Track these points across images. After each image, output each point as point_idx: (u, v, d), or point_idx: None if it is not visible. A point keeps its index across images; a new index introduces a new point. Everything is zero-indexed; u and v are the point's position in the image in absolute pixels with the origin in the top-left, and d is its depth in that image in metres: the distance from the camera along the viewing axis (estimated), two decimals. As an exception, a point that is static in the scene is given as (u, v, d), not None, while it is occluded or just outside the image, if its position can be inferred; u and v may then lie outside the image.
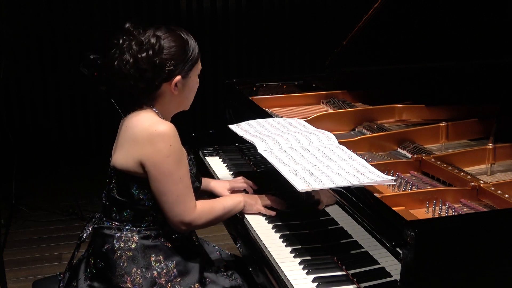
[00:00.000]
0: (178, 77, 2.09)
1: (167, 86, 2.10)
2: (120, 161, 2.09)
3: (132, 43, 2.06)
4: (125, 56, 2.05)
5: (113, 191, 2.13)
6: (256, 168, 2.69)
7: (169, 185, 2.04)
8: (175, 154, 2.04)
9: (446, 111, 2.74)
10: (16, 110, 5.67)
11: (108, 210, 2.15)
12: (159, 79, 2.07)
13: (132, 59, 2.04)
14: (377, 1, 2.68)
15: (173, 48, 2.07)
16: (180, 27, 2.15)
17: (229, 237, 2.48)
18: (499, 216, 1.77)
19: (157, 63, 2.04)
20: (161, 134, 2.03)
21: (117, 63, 2.06)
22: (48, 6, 5.54)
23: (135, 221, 2.12)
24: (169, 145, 2.03)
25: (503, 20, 2.77)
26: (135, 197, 2.09)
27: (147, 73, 2.04)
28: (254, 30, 6.04)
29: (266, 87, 3.21)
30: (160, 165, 2.02)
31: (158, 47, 2.05)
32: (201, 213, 2.12)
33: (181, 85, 2.11)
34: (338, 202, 1.95)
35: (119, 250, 2.08)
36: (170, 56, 2.07)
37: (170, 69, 2.07)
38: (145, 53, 2.04)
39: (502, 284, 1.64)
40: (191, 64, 2.12)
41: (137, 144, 2.05)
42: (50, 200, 4.93)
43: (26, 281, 3.67)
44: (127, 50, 2.06)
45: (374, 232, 1.74)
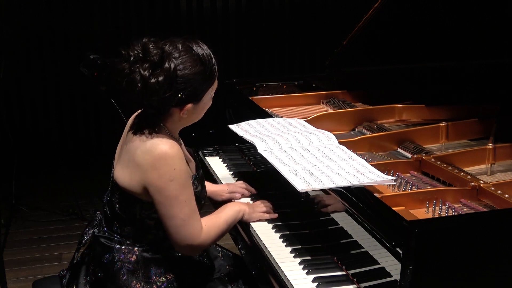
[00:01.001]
0: (189, 106, 1.98)
1: (177, 110, 1.99)
2: (123, 180, 2.03)
3: (144, 65, 1.91)
4: (134, 76, 1.91)
5: (116, 205, 2.08)
6: (256, 168, 2.69)
7: (174, 208, 1.97)
8: (179, 177, 1.96)
9: (446, 111, 2.74)
10: (16, 110, 5.66)
11: (110, 221, 2.11)
12: (168, 105, 1.96)
13: (141, 83, 1.90)
14: (377, 1, 2.68)
15: (188, 74, 1.93)
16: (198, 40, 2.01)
17: (229, 237, 2.47)
18: (499, 216, 1.77)
19: (166, 94, 1.91)
20: (163, 157, 1.94)
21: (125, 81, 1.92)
22: (48, 6, 5.54)
23: (136, 237, 2.08)
24: (173, 169, 1.95)
25: (503, 20, 2.77)
26: (137, 216, 2.05)
27: (154, 99, 1.91)
28: (254, 30, 6.03)
29: (266, 87, 3.20)
30: (165, 190, 1.95)
31: (171, 75, 1.91)
32: (208, 233, 2.07)
33: (192, 109, 2.01)
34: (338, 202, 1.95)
35: (119, 262, 2.05)
36: (183, 83, 1.93)
37: (181, 98, 1.95)
38: (156, 79, 1.89)
39: (502, 284, 1.64)
40: (205, 88, 2.00)
41: (140, 168, 1.97)
42: (50, 200, 4.93)
43: (26, 281, 3.67)
44: (137, 71, 1.90)
45: (374, 232, 1.74)
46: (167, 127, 2.03)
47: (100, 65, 3.79)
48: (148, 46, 1.93)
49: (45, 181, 5.31)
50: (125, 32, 5.66)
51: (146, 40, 1.95)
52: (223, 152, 3.00)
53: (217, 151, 3.03)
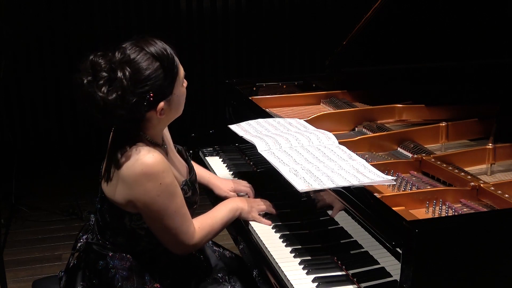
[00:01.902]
0: (161, 104, 1.92)
1: (152, 113, 1.94)
2: (110, 193, 2.01)
3: (98, 82, 1.83)
4: (94, 99, 1.83)
5: (106, 216, 2.06)
6: (256, 168, 2.69)
7: (164, 221, 1.96)
8: (166, 191, 1.93)
9: (446, 111, 2.74)
10: (16, 110, 5.66)
11: (103, 229, 2.09)
12: (140, 113, 1.90)
13: (103, 103, 1.83)
14: (377, 1, 2.68)
15: (147, 79, 1.87)
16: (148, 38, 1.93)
17: (229, 237, 2.47)
18: (499, 216, 1.77)
19: (131, 102, 1.84)
20: (147, 174, 1.89)
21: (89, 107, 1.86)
22: (48, 6, 5.54)
23: (128, 246, 2.06)
24: (159, 184, 1.91)
25: (503, 20, 2.77)
26: (127, 227, 2.03)
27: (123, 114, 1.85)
28: (254, 30, 6.03)
29: (266, 87, 3.20)
30: (153, 205, 1.93)
31: (128, 83, 1.83)
32: (202, 233, 2.08)
33: (167, 106, 1.95)
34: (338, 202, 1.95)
35: (113, 269, 2.03)
36: (147, 89, 1.86)
37: (150, 101, 1.88)
38: (115, 95, 1.82)
39: (502, 284, 1.64)
40: (172, 84, 1.94)
41: (125, 184, 1.93)
42: (50, 200, 4.93)
43: (26, 281, 3.67)
44: (94, 91, 1.83)
45: (374, 232, 1.74)
46: (148, 134, 1.99)
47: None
48: (96, 63, 1.86)
49: (45, 181, 5.31)
50: (125, 32, 5.66)
51: (92, 57, 1.88)
52: (223, 152, 3.00)
53: (217, 151, 3.03)
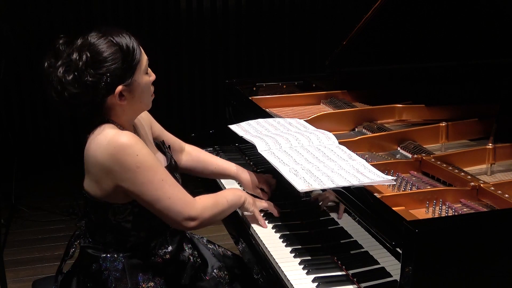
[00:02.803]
0: (119, 88, 1.91)
1: (112, 99, 1.93)
2: (92, 189, 2.00)
3: (57, 65, 1.89)
4: (54, 83, 1.89)
5: (91, 216, 2.06)
6: (256, 168, 2.69)
7: (154, 192, 1.93)
8: (145, 161, 1.91)
9: (446, 111, 2.74)
10: (16, 110, 5.66)
11: (91, 231, 2.09)
12: (98, 96, 1.90)
13: (60, 86, 1.87)
14: (377, 1, 2.68)
15: (103, 59, 1.88)
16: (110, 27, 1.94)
17: (229, 237, 2.47)
18: (499, 216, 1.77)
19: (88, 83, 1.86)
20: (121, 149, 1.88)
21: (51, 93, 1.90)
22: (48, 6, 5.54)
23: (119, 243, 2.05)
24: (135, 155, 1.89)
25: (503, 20, 2.77)
26: (112, 221, 2.01)
27: (82, 96, 1.87)
28: (254, 30, 6.03)
29: (266, 87, 3.20)
30: (136, 179, 1.91)
31: (85, 64, 1.86)
32: (204, 206, 2.04)
33: (128, 92, 1.94)
34: (338, 202, 1.95)
35: (106, 271, 2.02)
36: (102, 69, 1.87)
37: (107, 82, 1.88)
38: (72, 75, 1.86)
39: (502, 284, 1.64)
40: (132, 68, 1.93)
41: (105, 169, 1.92)
42: (50, 200, 4.93)
43: (26, 281, 3.67)
44: (53, 76, 1.89)
45: (374, 232, 1.74)
46: (115, 121, 1.98)
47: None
48: (58, 48, 1.91)
49: (45, 181, 5.31)
50: (125, 32, 5.65)
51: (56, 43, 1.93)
52: (223, 152, 2.99)
53: (217, 151, 3.02)
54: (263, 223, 2.24)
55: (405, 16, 2.87)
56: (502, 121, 2.46)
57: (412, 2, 2.82)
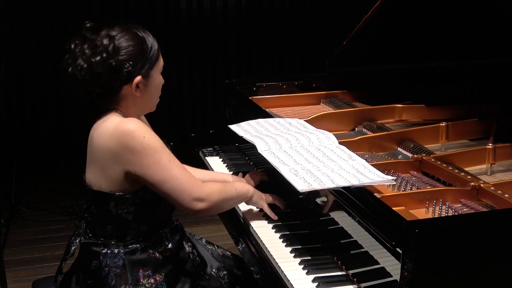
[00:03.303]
0: (138, 78, 2.00)
1: (128, 88, 2.00)
2: (95, 179, 2.03)
3: (84, 46, 1.98)
4: (78, 61, 1.97)
5: (92, 208, 2.07)
6: (256, 168, 2.69)
7: (162, 172, 1.95)
8: (152, 142, 1.95)
9: (446, 111, 2.74)
10: (16, 110, 5.67)
11: (92, 225, 2.10)
12: (117, 82, 1.98)
13: (86, 64, 1.96)
14: (377, 1, 2.68)
15: (129, 48, 1.98)
16: (136, 24, 2.05)
17: (229, 237, 2.47)
18: (499, 216, 1.77)
19: (112, 65, 1.95)
20: (128, 132, 1.94)
21: (71, 70, 1.99)
22: (48, 6, 5.54)
23: (119, 235, 2.05)
24: (142, 137, 1.94)
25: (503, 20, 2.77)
26: (114, 213, 2.02)
27: (103, 77, 1.96)
28: (254, 30, 6.04)
29: (266, 87, 3.20)
30: (143, 161, 1.94)
31: (113, 49, 1.95)
32: (212, 188, 2.05)
33: (143, 85, 2.02)
34: (338, 202, 1.95)
35: (106, 267, 2.03)
36: (127, 57, 1.97)
37: (129, 70, 1.97)
38: (99, 57, 1.95)
39: (502, 284, 1.64)
40: (151, 63, 2.03)
41: (112, 155, 1.96)
42: (50, 200, 4.93)
43: (26, 281, 3.67)
44: (80, 55, 1.97)
45: (374, 232, 1.74)
46: (122, 112, 2.04)
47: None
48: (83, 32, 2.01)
49: (45, 181, 5.31)
50: (125, 32, 5.66)
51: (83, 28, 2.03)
52: (223, 152, 3.00)
53: (217, 151, 3.03)
54: (273, 215, 2.25)
55: (405, 16, 2.87)
56: (502, 121, 2.46)
57: (412, 2, 2.82)
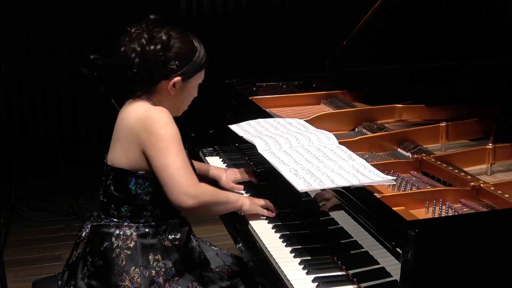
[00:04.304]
0: (178, 78, 2.12)
1: (166, 84, 2.12)
2: (118, 158, 2.12)
3: (143, 34, 2.09)
4: (133, 44, 2.08)
5: (110, 188, 2.14)
6: (256, 168, 2.69)
7: (167, 158, 2.02)
8: (171, 130, 2.05)
9: (446, 111, 2.74)
10: (16, 110, 5.66)
11: (106, 207, 2.16)
12: (160, 74, 2.10)
13: (140, 48, 2.07)
14: (377, 1, 2.68)
15: (181, 49, 2.11)
16: (194, 34, 2.19)
17: (229, 237, 2.47)
18: (499, 216, 1.77)
19: (161, 58, 2.08)
20: (154, 116, 2.06)
21: (123, 49, 2.09)
22: (48, 6, 5.54)
23: (133, 216, 2.12)
24: (164, 124, 2.05)
25: (502, 20, 2.77)
26: (132, 192, 2.10)
27: (150, 65, 2.08)
28: (254, 30, 6.03)
29: (266, 87, 3.20)
30: (157, 143, 2.03)
31: (167, 44, 2.09)
32: (205, 189, 2.10)
33: (179, 87, 2.14)
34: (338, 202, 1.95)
35: (118, 249, 2.09)
36: (176, 56, 2.10)
37: (173, 68, 2.10)
38: (153, 46, 2.08)
39: (502, 284, 1.64)
40: (194, 71, 2.15)
41: (134, 134, 2.07)
42: (50, 200, 4.93)
43: (26, 281, 3.67)
44: (136, 40, 2.09)
45: (374, 232, 1.74)
46: (154, 103, 2.14)
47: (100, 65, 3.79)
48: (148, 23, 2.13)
49: (45, 181, 5.31)
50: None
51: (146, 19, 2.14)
52: (223, 152, 3.00)
53: (217, 151, 3.03)
54: (269, 214, 2.28)
55: (405, 16, 2.87)
56: (502, 121, 2.46)
57: (412, 2, 2.82)
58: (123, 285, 2.05)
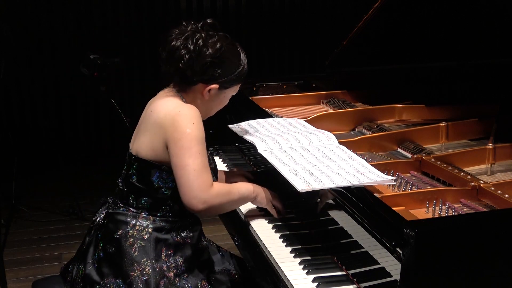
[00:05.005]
0: (215, 85, 2.14)
1: (202, 88, 2.14)
2: (145, 148, 2.13)
3: (200, 34, 2.12)
4: (187, 41, 2.11)
5: (132, 178, 2.16)
6: (256, 168, 2.69)
7: (187, 158, 2.04)
8: (196, 130, 2.07)
9: (446, 111, 2.74)
10: (16, 110, 5.66)
11: (126, 196, 2.18)
12: (201, 77, 2.13)
13: (193, 47, 2.10)
14: (377, 1, 2.68)
15: (228, 60, 2.15)
16: (242, 48, 2.24)
17: (229, 237, 2.47)
18: (499, 216, 1.77)
19: (207, 62, 2.11)
20: (183, 114, 2.07)
21: (175, 43, 2.11)
22: (48, 6, 5.54)
23: (151, 209, 2.14)
24: (192, 123, 2.06)
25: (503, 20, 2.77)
26: (155, 185, 2.12)
27: (196, 66, 2.10)
28: (254, 30, 6.03)
29: (266, 87, 3.20)
30: (180, 140, 2.05)
31: (216, 51, 2.12)
32: (218, 192, 2.10)
33: (214, 93, 2.16)
34: (338, 202, 1.95)
35: (132, 238, 2.11)
36: (221, 64, 2.13)
37: (214, 75, 2.13)
38: (205, 50, 2.11)
39: (502, 284, 1.64)
40: (233, 82, 2.18)
41: (161, 127, 2.09)
42: (50, 200, 4.93)
43: (26, 281, 3.67)
44: (191, 38, 2.11)
45: (374, 232, 1.73)
46: (186, 100, 2.17)
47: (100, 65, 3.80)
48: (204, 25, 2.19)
49: (45, 181, 5.31)
50: (125, 32, 5.66)
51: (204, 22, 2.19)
52: (223, 152, 3.00)
53: (217, 151, 3.03)
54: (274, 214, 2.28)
55: (405, 16, 2.87)
56: (502, 121, 2.46)
57: (412, 2, 2.82)
58: (134, 275, 2.06)
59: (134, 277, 2.06)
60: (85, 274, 2.12)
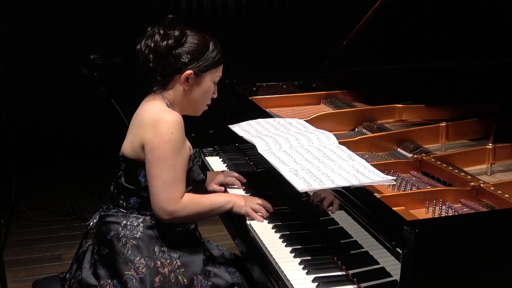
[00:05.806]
0: (189, 71, 2.16)
1: (179, 79, 2.17)
2: (127, 147, 2.17)
3: (159, 30, 2.16)
4: (147, 41, 2.16)
5: (121, 179, 2.18)
6: (256, 168, 2.69)
7: (159, 169, 2.07)
8: (174, 142, 2.08)
9: (446, 111, 2.74)
10: (16, 110, 5.66)
11: (116, 197, 2.21)
12: (173, 68, 2.15)
13: (153, 44, 2.15)
14: (377, 1, 2.68)
15: (193, 45, 2.17)
16: (212, 36, 2.24)
17: (229, 237, 2.47)
18: (499, 216, 1.77)
19: (173, 52, 2.14)
20: (165, 120, 2.09)
21: (139, 47, 2.18)
22: (48, 6, 5.54)
23: (141, 208, 2.16)
24: (171, 132, 2.08)
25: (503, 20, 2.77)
26: (142, 184, 2.14)
27: (163, 59, 2.14)
28: (254, 30, 6.03)
29: (266, 87, 3.21)
30: (157, 150, 2.07)
31: (180, 40, 2.15)
32: (186, 205, 2.13)
33: (192, 81, 2.18)
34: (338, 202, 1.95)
35: (124, 238, 2.13)
36: (188, 50, 2.15)
37: (184, 62, 2.15)
38: (166, 42, 2.14)
39: (502, 284, 1.64)
40: (207, 66, 2.19)
41: (142, 128, 2.12)
42: (50, 200, 4.93)
43: (26, 281, 3.67)
44: (151, 37, 2.16)
45: (374, 232, 1.73)
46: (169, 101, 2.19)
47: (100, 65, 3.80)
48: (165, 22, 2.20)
49: (45, 181, 5.31)
50: (125, 32, 5.66)
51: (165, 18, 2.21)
52: (223, 152, 3.00)
53: (217, 151, 3.03)
54: (258, 218, 2.27)
55: (405, 16, 2.87)
56: (502, 121, 2.46)
57: (412, 2, 2.82)
58: (128, 274, 2.07)
59: (129, 276, 2.07)
60: (82, 279, 2.14)
